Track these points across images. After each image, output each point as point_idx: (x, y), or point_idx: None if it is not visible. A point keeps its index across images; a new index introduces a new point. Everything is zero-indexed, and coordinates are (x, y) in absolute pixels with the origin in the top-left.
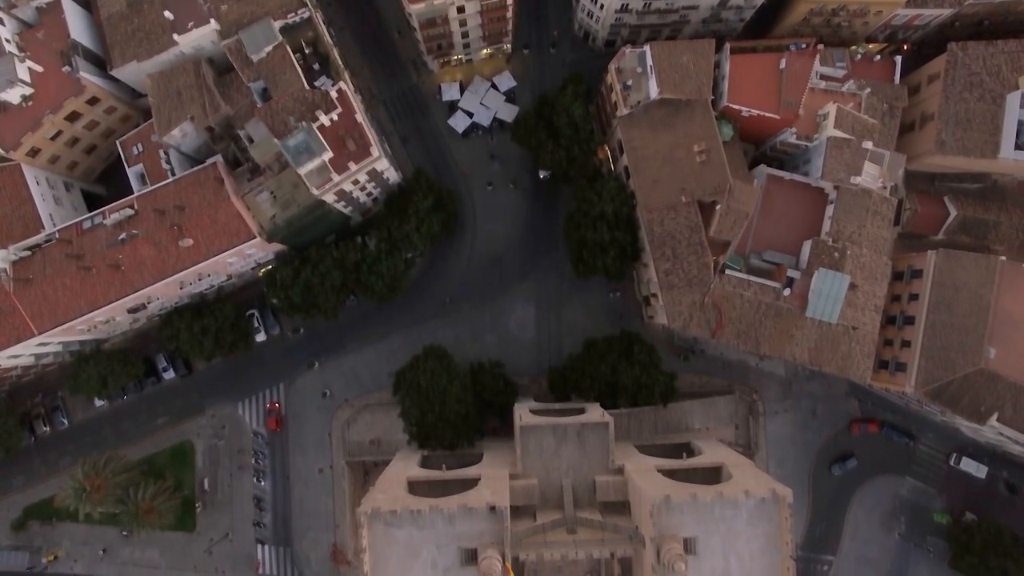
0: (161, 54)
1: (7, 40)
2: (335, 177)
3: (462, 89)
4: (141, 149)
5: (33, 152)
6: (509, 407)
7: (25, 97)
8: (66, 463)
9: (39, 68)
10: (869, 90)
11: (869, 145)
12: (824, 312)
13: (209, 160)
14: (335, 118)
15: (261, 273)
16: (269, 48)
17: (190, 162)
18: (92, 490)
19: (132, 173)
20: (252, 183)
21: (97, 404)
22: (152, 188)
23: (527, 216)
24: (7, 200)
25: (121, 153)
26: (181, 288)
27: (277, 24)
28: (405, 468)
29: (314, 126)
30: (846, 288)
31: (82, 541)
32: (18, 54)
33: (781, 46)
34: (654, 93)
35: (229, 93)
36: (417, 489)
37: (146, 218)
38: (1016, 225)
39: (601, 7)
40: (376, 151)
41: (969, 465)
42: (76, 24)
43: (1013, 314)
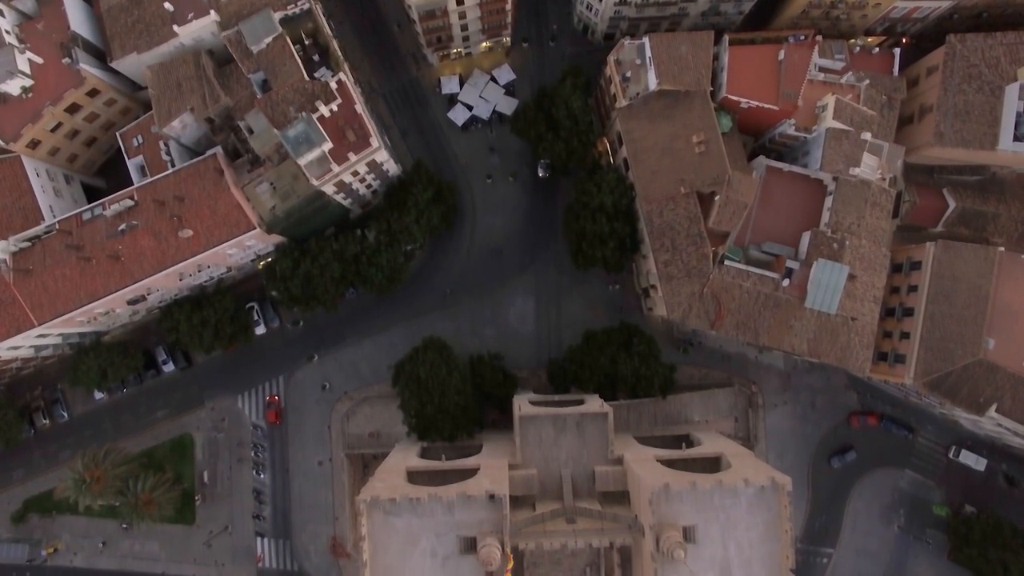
0: (161, 46)
1: (7, 31)
2: (335, 168)
3: (461, 82)
4: (141, 141)
5: (33, 144)
6: (508, 399)
7: (25, 89)
8: (66, 456)
9: (39, 60)
10: (868, 82)
11: (868, 136)
12: (823, 303)
13: (209, 151)
14: (335, 109)
15: (260, 265)
16: (269, 39)
17: (190, 154)
18: (92, 481)
19: (132, 165)
20: (252, 174)
21: (97, 397)
22: (152, 179)
23: (526, 209)
24: (7, 191)
25: (121, 145)
26: (180, 280)
27: (277, 15)
28: (404, 459)
29: (314, 117)
30: (845, 279)
31: (82, 534)
32: (18, 45)
33: (780, 38)
34: (653, 84)
35: (229, 84)
36: (416, 479)
37: (146, 209)
38: (1015, 217)
39: (600, 0)
40: (376, 142)
41: (968, 458)
42: (76, 16)
43: (1012, 305)
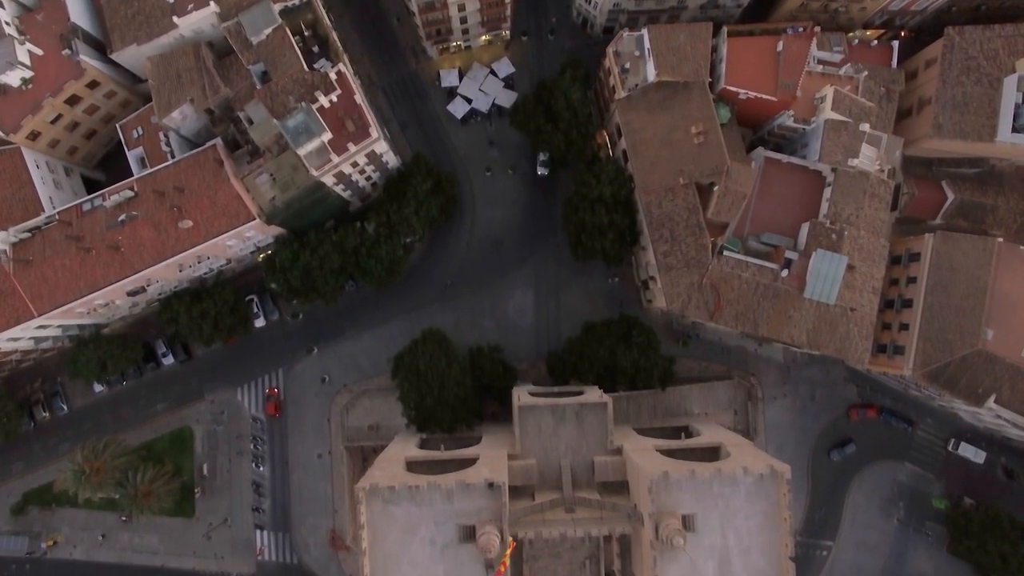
0: (161, 37)
1: (7, 23)
2: (334, 158)
3: (461, 76)
4: (141, 132)
5: (33, 135)
6: (508, 391)
7: (25, 80)
8: (65, 449)
9: (39, 51)
10: (866, 73)
11: (866, 127)
12: (822, 293)
13: (209, 142)
14: (334, 99)
15: (260, 258)
16: (268, 30)
17: (190, 145)
18: (91, 473)
19: (132, 156)
20: (252, 165)
21: (96, 390)
22: (152, 170)
23: (526, 202)
24: (7, 183)
25: (121, 136)
26: (180, 271)
27: (276, 6)
28: (404, 449)
29: (313, 107)
30: (844, 269)
31: (81, 527)
32: (18, 37)
33: (778, 29)
34: (652, 75)
35: (229, 75)
36: (415, 469)
37: (146, 200)
38: (1013, 209)
39: None
40: (375, 132)
41: (967, 450)
42: (76, 7)
43: (1010, 295)
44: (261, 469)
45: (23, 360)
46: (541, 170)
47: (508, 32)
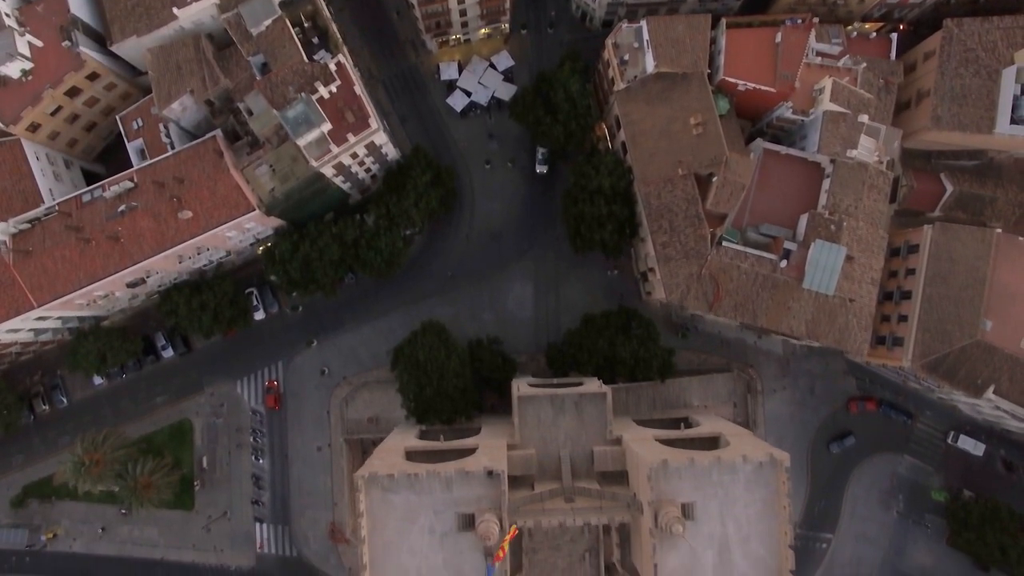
0: (161, 29)
1: (7, 14)
2: (334, 148)
3: (460, 69)
4: (141, 124)
5: (33, 127)
6: (507, 383)
7: (25, 71)
8: (65, 441)
9: (39, 42)
10: (865, 65)
11: (865, 119)
12: (821, 284)
13: (209, 134)
14: (334, 90)
15: (260, 250)
16: (268, 22)
17: (190, 137)
18: (91, 465)
19: (132, 148)
20: (251, 156)
21: (96, 382)
22: (152, 161)
23: (525, 195)
24: (7, 174)
25: (121, 127)
26: (180, 262)
27: None
28: (403, 439)
29: (313, 98)
30: (843, 260)
31: (81, 519)
32: (18, 28)
33: (777, 21)
34: (651, 67)
35: (229, 67)
36: (415, 459)
37: (145, 191)
38: (1012, 201)
39: None
40: (374, 123)
41: (967, 443)
42: None
43: (1009, 286)
44: (261, 462)
45: (23, 353)
46: (540, 167)
47: (507, 25)
